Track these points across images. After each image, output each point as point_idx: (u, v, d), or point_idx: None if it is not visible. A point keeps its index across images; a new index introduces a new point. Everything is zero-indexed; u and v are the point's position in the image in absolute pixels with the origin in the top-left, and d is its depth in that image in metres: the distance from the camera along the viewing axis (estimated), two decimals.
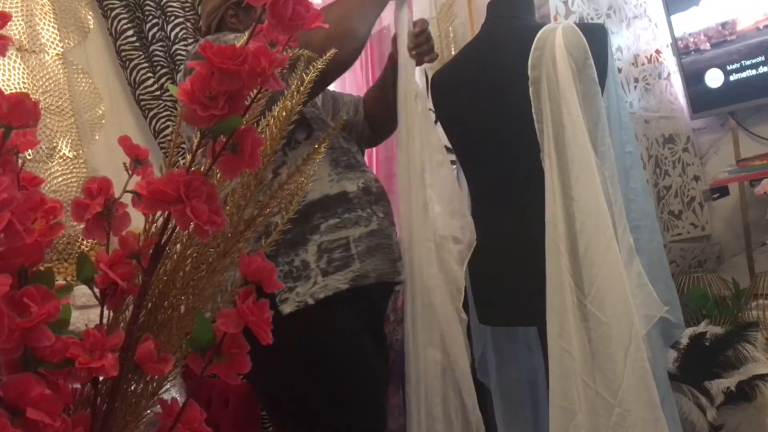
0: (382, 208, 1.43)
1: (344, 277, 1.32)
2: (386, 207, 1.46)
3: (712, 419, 1.82)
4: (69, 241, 2.29)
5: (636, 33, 2.59)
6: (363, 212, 1.37)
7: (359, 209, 1.37)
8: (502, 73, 1.47)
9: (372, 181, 1.44)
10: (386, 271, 1.39)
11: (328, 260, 1.32)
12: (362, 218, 1.37)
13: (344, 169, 1.40)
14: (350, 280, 1.32)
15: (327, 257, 1.32)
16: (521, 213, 1.45)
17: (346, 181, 1.38)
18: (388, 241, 1.41)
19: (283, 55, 0.58)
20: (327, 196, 1.35)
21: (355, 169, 1.42)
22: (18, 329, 0.48)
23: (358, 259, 1.34)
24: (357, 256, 1.34)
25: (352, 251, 1.34)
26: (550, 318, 1.33)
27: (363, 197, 1.39)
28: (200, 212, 0.54)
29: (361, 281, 1.34)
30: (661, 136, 2.60)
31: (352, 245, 1.34)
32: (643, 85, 2.58)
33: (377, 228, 1.39)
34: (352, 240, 1.35)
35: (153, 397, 0.64)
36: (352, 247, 1.34)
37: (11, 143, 0.57)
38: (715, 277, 2.49)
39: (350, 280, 1.32)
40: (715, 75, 2.49)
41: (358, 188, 1.39)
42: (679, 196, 2.60)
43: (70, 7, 2.47)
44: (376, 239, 1.38)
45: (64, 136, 2.41)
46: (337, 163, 1.39)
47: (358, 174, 1.42)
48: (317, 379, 1.29)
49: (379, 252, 1.38)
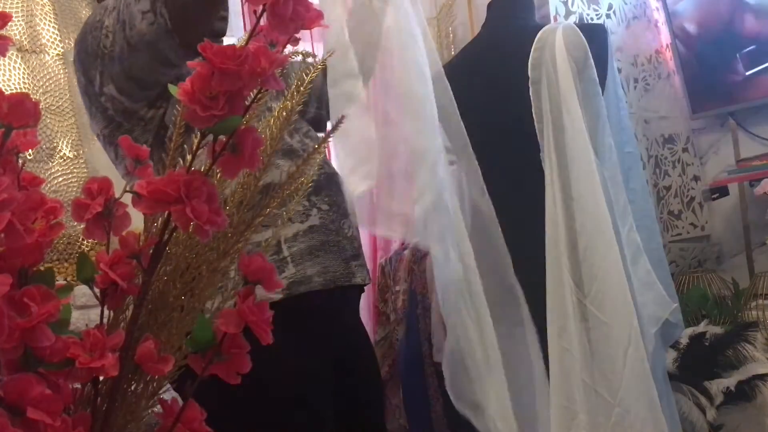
0: (326, 199, 1.22)
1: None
2: (334, 197, 1.24)
3: (711, 419, 1.82)
4: (69, 241, 2.29)
5: (636, 33, 2.59)
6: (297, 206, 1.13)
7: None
8: (503, 73, 1.47)
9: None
10: (339, 273, 1.20)
11: None
12: (297, 213, 1.16)
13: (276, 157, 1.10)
14: (284, 288, 1.12)
15: None
16: (521, 213, 1.45)
17: (275, 169, 1.09)
18: (336, 238, 1.21)
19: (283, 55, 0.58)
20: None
21: (291, 155, 1.20)
22: (18, 329, 0.48)
23: (293, 263, 1.15)
24: (291, 259, 1.15)
25: (284, 253, 1.15)
26: (550, 317, 1.33)
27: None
28: (200, 212, 0.54)
29: (298, 288, 1.14)
30: (661, 136, 2.60)
31: (283, 247, 1.15)
32: (643, 85, 2.58)
33: (318, 223, 1.19)
34: (283, 240, 1.16)
35: (153, 397, 0.64)
36: (284, 248, 1.15)
37: (11, 143, 0.57)
38: (715, 277, 2.49)
39: (284, 289, 1.12)
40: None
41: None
42: (678, 196, 2.60)
43: (70, 7, 2.47)
44: (319, 236, 1.18)
45: (64, 136, 2.41)
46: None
47: (297, 161, 1.15)
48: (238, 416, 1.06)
49: (323, 251, 1.18)
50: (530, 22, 1.52)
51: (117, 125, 1.23)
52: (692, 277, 2.48)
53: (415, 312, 2.09)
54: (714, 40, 2.48)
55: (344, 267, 1.21)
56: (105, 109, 1.23)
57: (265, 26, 0.60)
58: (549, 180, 1.35)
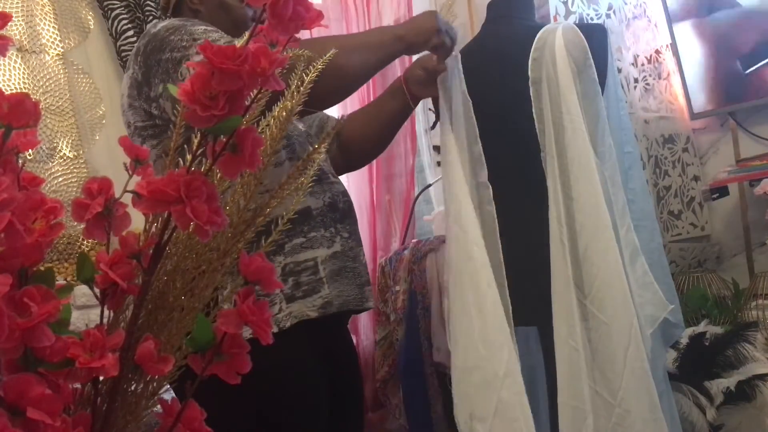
0: (347, 227, 1.32)
1: (313, 304, 1.21)
2: (352, 225, 1.34)
3: (711, 419, 1.82)
4: (69, 241, 2.30)
5: (636, 33, 2.59)
6: (326, 232, 1.26)
7: (323, 228, 1.26)
8: (503, 73, 1.47)
9: (339, 196, 1.33)
10: (353, 297, 1.28)
11: (294, 284, 1.21)
12: (325, 238, 1.26)
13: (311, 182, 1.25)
14: (319, 307, 1.22)
15: (293, 280, 1.21)
16: (523, 214, 1.45)
17: (311, 196, 1.25)
18: (353, 264, 1.30)
19: (283, 55, 0.58)
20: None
21: (322, 181, 1.30)
22: (18, 329, 0.48)
23: (327, 284, 1.23)
24: (325, 280, 1.23)
25: (320, 274, 1.23)
26: (557, 318, 1.32)
27: (327, 214, 1.28)
28: (200, 212, 0.54)
29: (329, 309, 1.23)
30: (661, 136, 2.60)
31: (320, 267, 1.24)
32: (643, 85, 2.58)
33: (340, 249, 1.28)
34: (320, 261, 1.24)
35: (153, 397, 0.64)
36: (321, 269, 1.23)
37: (11, 143, 0.57)
38: (715, 277, 2.49)
39: (319, 308, 1.22)
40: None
41: (323, 204, 1.28)
42: (678, 196, 2.60)
43: (70, 8, 2.47)
44: (340, 262, 1.27)
45: (64, 136, 2.41)
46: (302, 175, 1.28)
47: (325, 187, 1.30)
48: (267, 411, 1.20)
49: (343, 276, 1.27)
50: (530, 22, 1.52)
51: (153, 123, 1.27)
52: (692, 277, 2.48)
53: (415, 312, 2.09)
54: (714, 40, 2.48)
55: (358, 292, 1.29)
56: (150, 109, 1.26)
57: (265, 26, 0.60)
58: (550, 180, 1.35)
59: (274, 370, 1.07)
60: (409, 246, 2.24)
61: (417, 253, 2.14)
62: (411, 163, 2.57)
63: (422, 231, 2.62)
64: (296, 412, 1.21)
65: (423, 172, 2.71)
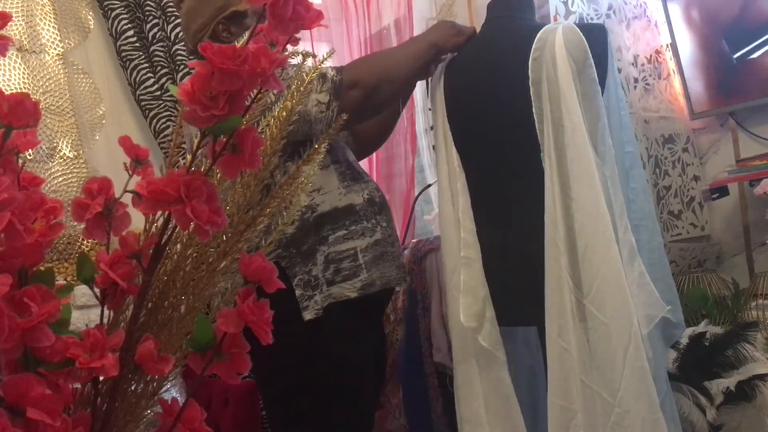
0: (385, 217, 1.53)
1: (353, 285, 1.42)
2: (388, 215, 1.55)
3: (711, 419, 1.82)
4: (69, 241, 2.30)
5: (636, 33, 2.58)
6: (368, 223, 1.47)
7: (365, 220, 1.46)
8: (503, 73, 1.47)
9: (375, 191, 1.53)
10: (393, 277, 1.49)
11: (335, 270, 1.41)
12: (367, 229, 1.46)
13: (351, 182, 1.48)
14: (359, 289, 1.42)
15: (334, 267, 1.41)
16: (521, 213, 1.45)
17: (353, 194, 1.47)
18: (392, 249, 1.51)
19: (283, 55, 0.58)
20: (336, 208, 1.44)
21: (359, 180, 1.51)
22: (18, 329, 0.48)
23: (366, 269, 1.44)
24: (365, 266, 1.44)
25: (359, 261, 1.44)
26: (549, 317, 1.33)
27: (368, 208, 1.48)
28: (200, 212, 0.54)
29: (369, 290, 1.44)
30: (661, 136, 2.59)
31: (359, 255, 1.44)
32: (643, 85, 2.58)
33: (381, 237, 1.48)
34: (359, 250, 1.44)
35: (153, 397, 0.64)
36: (360, 257, 1.44)
37: (12, 143, 0.57)
38: (715, 276, 2.49)
39: (359, 289, 1.42)
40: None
41: (363, 200, 1.48)
42: (678, 196, 2.60)
43: (70, 8, 2.47)
44: (381, 248, 1.48)
45: (64, 136, 2.41)
46: (344, 176, 1.47)
47: (363, 185, 1.50)
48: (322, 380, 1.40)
49: (384, 260, 1.48)
50: (530, 22, 1.52)
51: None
52: (692, 277, 2.48)
53: (415, 312, 2.09)
54: (714, 40, 2.48)
55: (397, 272, 1.51)
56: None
57: (265, 26, 0.60)
58: (548, 180, 1.35)
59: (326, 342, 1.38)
60: (409, 246, 2.23)
61: (417, 252, 2.14)
62: (411, 163, 2.57)
63: (422, 231, 2.62)
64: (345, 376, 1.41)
65: (423, 172, 2.71)
